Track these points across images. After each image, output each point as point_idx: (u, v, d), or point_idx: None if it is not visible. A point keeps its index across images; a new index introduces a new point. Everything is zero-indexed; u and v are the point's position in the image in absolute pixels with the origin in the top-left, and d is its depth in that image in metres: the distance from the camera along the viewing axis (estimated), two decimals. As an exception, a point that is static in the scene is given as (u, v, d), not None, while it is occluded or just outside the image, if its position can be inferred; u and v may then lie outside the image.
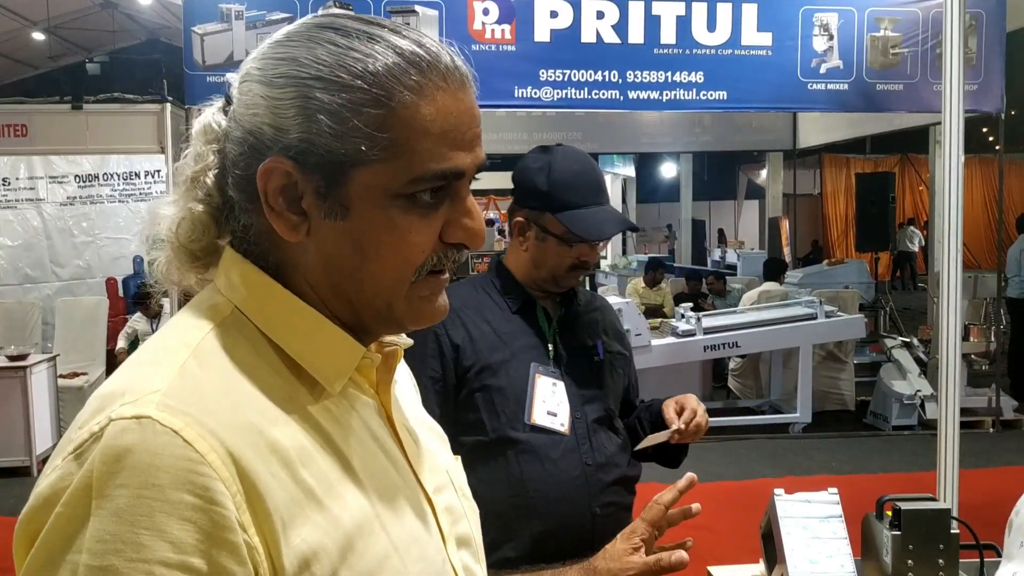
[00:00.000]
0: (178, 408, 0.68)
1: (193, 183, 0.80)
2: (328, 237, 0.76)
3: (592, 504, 1.77)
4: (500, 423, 1.77)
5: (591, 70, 6.37)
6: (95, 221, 8.25)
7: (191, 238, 0.80)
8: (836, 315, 7.40)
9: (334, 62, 0.74)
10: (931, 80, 6.76)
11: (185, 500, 0.64)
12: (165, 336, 0.77)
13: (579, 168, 1.85)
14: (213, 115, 0.81)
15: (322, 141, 0.74)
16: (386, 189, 0.75)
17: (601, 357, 1.92)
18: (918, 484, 5.50)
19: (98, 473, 0.64)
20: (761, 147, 12.36)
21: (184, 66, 6.02)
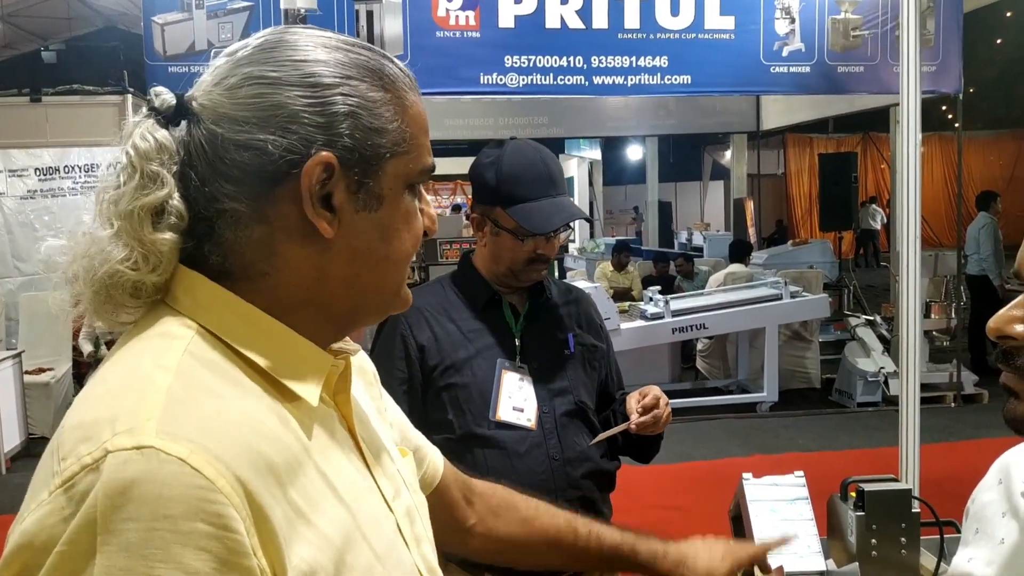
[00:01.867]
0: (179, 434, 0.65)
1: (153, 212, 0.74)
2: (359, 229, 0.79)
3: (559, 499, 1.76)
4: (466, 420, 1.78)
5: (556, 56, 6.37)
6: (57, 215, 8.10)
7: (158, 271, 0.75)
8: (801, 295, 7.50)
9: (356, 64, 0.79)
10: (891, 62, 6.83)
11: (199, 529, 0.62)
12: (133, 358, 0.73)
13: (528, 161, 1.83)
14: (157, 133, 0.76)
15: (362, 136, 0.78)
16: (406, 178, 0.82)
17: (572, 350, 1.92)
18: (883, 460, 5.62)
19: (103, 508, 0.62)
20: (725, 129, 12.45)
21: (145, 56, 5.93)
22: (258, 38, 0.80)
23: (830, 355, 8.14)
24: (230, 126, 0.76)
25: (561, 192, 1.87)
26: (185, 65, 5.95)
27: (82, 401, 0.72)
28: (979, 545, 1.01)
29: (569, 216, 1.86)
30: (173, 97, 0.78)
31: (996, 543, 0.97)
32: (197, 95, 0.78)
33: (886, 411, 7.23)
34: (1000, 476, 1.04)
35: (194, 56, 5.96)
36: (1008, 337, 0.85)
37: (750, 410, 7.39)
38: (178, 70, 5.97)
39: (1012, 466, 1.02)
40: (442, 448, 1.79)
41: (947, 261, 8.02)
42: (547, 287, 1.96)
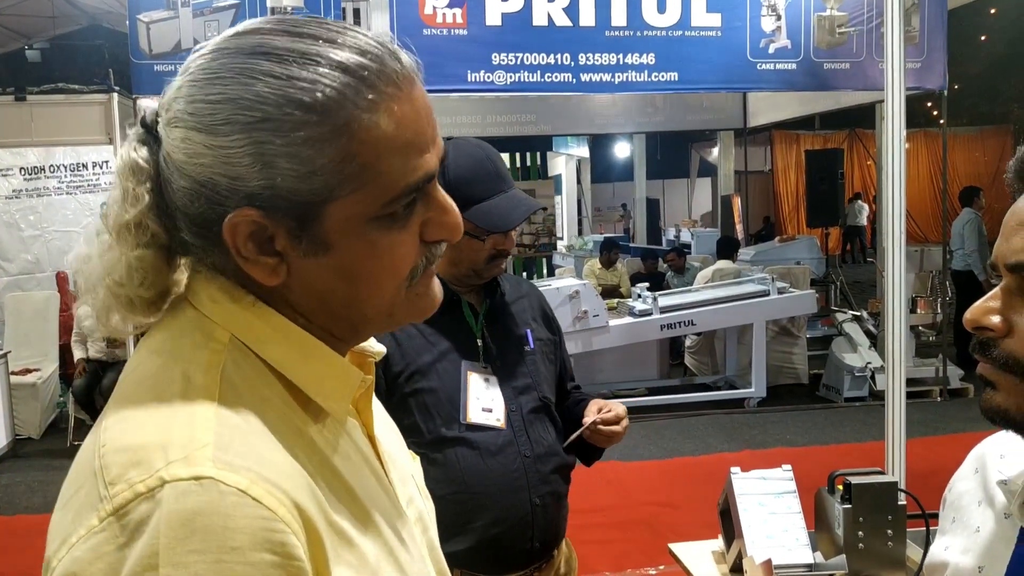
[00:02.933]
0: (237, 464, 0.64)
1: (134, 228, 0.73)
2: (313, 274, 0.73)
3: (532, 495, 1.80)
4: (435, 425, 1.78)
5: (543, 53, 6.38)
6: (43, 214, 8.06)
7: (144, 285, 0.74)
8: (788, 291, 7.54)
9: (279, 98, 0.68)
10: (876, 58, 6.87)
11: (266, 559, 0.62)
12: (172, 371, 0.71)
13: (474, 161, 1.82)
14: (135, 151, 0.74)
15: (286, 185, 0.69)
16: (364, 216, 0.72)
17: (532, 347, 1.93)
18: (870, 454, 5.65)
19: (166, 540, 0.60)
20: (712, 126, 12.47)
21: (130, 55, 5.90)
22: (201, 54, 0.73)
23: (817, 351, 8.17)
24: (171, 166, 0.72)
25: (511, 186, 1.86)
26: (171, 63, 5.92)
27: (123, 420, 0.69)
28: (956, 534, 1.02)
29: (527, 209, 1.86)
30: (153, 112, 0.75)
31: (972, 531, 0.98)
32: (161, 116, 0.74)
33: (873, 406, 7.27)
34: (976, 465, 1.06)
35: (180, 54, 5.94)
36: (984, 328, 0.86)
37: (738, 406, 7.42)
38: (164, 68, 5.95)
39: (987, 456, 1.03)
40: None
41: (933, 256, 8.08)
42: (500, 283, 1.96)
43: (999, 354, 0.84)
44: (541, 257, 13.22)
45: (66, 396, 7.06)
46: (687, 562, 2.16)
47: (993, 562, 0.92)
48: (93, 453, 0.68)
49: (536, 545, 1.81)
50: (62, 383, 7.33)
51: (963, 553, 0.97)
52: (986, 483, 0.98)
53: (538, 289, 2.10)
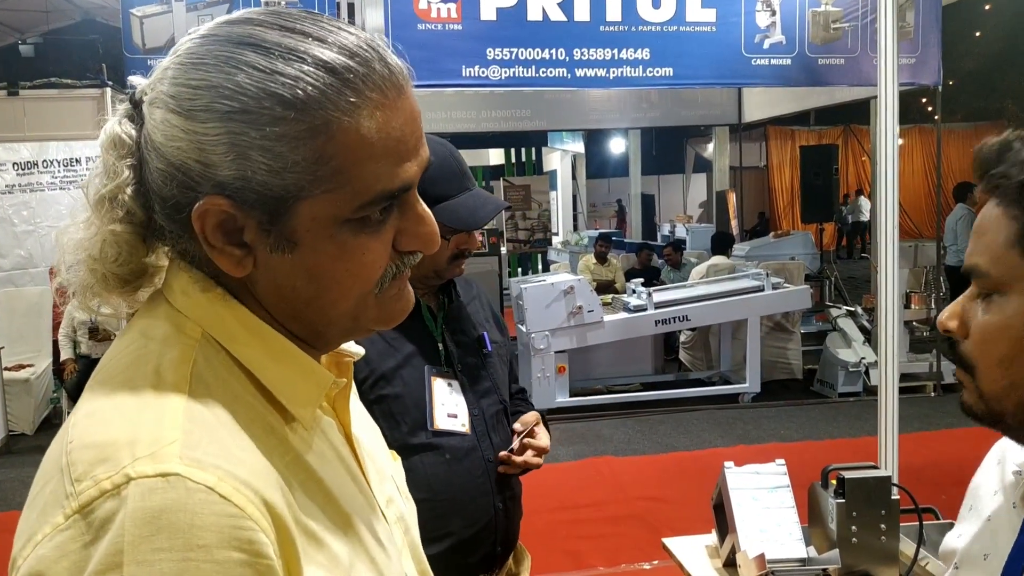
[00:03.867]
0: (205, 461, 0.63)
1: (109, 202, 0.73)
2: (278, 269, 0.72)
3: (495, 500, 1.80)
4: (402, 432, 1.75)
5: (538, 48, 6.37)
6: (36, 209, 8.03)
7: (118, 261, 0.74)
8: (783, 286, 7.54)
9: (259, 91, 0.67)
10: (871, 54, 6.87)
11: (233, 557, 0.61)
12: (141, 367, 0.70)
13: (439, 159, 1.77)
14: (120, 125, 0.74)
15: (259, 178, 0.68)
16: (334, 218, 0.70)
17: (489, 349, 1.91)
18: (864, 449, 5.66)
19: (131, 537, 0.59)
20: (707, 122, 12.46)
21: (123, 50, 5.88)
22: (191, 38, 0.73)
23: (812, 346, 8.19)
24: (150, 146, 0.72)
25: (475, 184, 1.84)
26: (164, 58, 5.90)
27: (91, 416, 0.68)
28: (970, 522, 1.03)
29: (495, 208, 1.83)
30: (142, 91, 0.74)
31: (984, 520, 0.99)
32: (146, 95, 0.73)
33: (867, 401, 7.28)
34: (998, 456, 1.06)
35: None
36: (947, 331, 0.90)
37: (733, 401, 7.43)
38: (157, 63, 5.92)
39: (1008, 447, 1.03)
40: None
41: (927, 252, 8.10)
42: (454, 284, 1.94)
43: (958, 355, 0.88)
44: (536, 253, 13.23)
45: (59, 392, 7.04)
46: (681, 556, 2.17)
47: (997, 550, 0.92)
48: (61, 449, 0.67)
49: (499, 549, 1.82)
50: (55, 379, 7.32)
51: (973, 541, 0.98)
52: (1004, 473, 0.99)
53: (484, 289, 2.07)
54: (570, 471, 5.56)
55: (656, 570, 4.25)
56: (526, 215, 12.97)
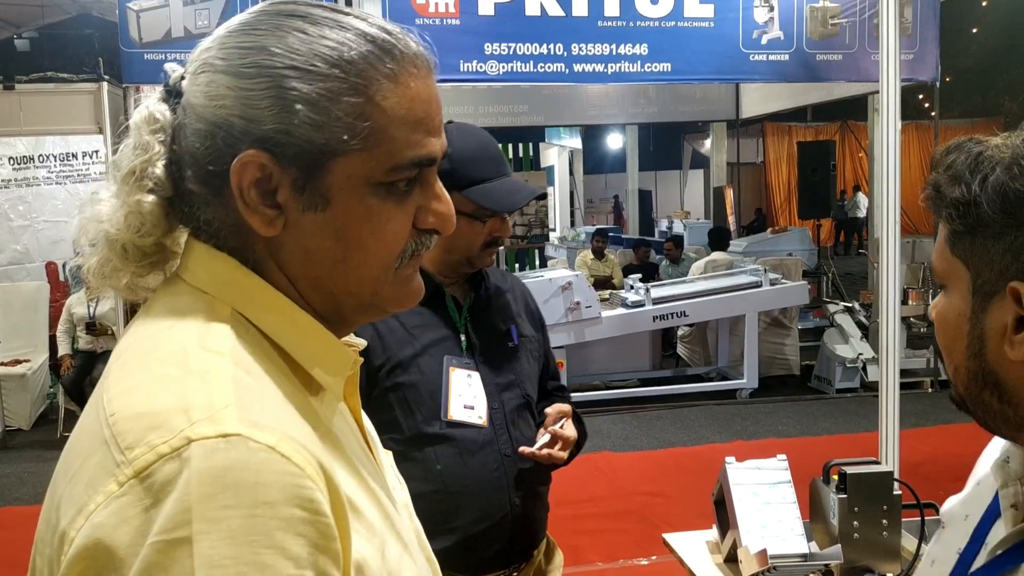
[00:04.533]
0: (263, 423, 0.65)
1: (138, 175, 0.76)
2: (308, 230, 0.74)
3: (512, 495, 1.76)
4: (416, 421, 1.73)
5: (536, 43, 6.35)
6: (32, 204, 8.02)
7: (141, 232, 0.76)
8: (780, 282, 7.55)
9: (308, 51, 0.72)
10: (869, 50, 6.87)
11: (296, 515, 0.62)
12: (176, 341, 0.71)
13: (478, 143, 1.79)
14: (155, 105, 0.78)
15: (301, 132, 0.72)
16: (366, 178, 0.74)
17: (516, 342, 1.88)
18: (861, 445, 5.67)
19: (197, 496, 0.60)
20: (705, 117, 12.45)
21: (120, 43, 5.86)
22: (239, 17, 0.78)
23: (809, 342, 8.20)
24: (190, 111, 0.75)
25: (510, 171, 1.84)
26: (161, 52, 5.87)
27: (132, 389, 0.68)
28: (964, 488, 1.08)
29: (529, 193, 1.83)
30: (178, 75, 0.78)
31: (974, 484, 1.04)
32: (188, 68, 0.78)
33: (864, 397, 7.29)
34: None
35: (170, 43, 5.89)
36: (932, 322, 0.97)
37: (730, 397, 7.44)
38: (154, 57, 5.90)
39: None
40: (390, 450, 1.76)
41: (925, 248, 8.10)
42: (486, 276, 1.91)
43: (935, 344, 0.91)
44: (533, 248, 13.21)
45: (56, 387, 7.03)
46: (681, 552, 2.16)
47: (976, 511, 0.98)
48: (99, 424, 0.67)
49: (516, 546, 1.79)
50: (52, 374, 7.30)
51: (961, 503, 1.04)
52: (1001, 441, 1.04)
53: (523, 283, 2.04)
54: (568, 466, 5.55)
55: (654, 565, 4.25)
56: (523, 211, 12.95)
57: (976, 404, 0.90)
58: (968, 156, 0.86)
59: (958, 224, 0.87)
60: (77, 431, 0.71)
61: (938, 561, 1.01)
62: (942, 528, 1.07)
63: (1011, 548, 0.88)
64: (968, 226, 0.86)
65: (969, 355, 0.88)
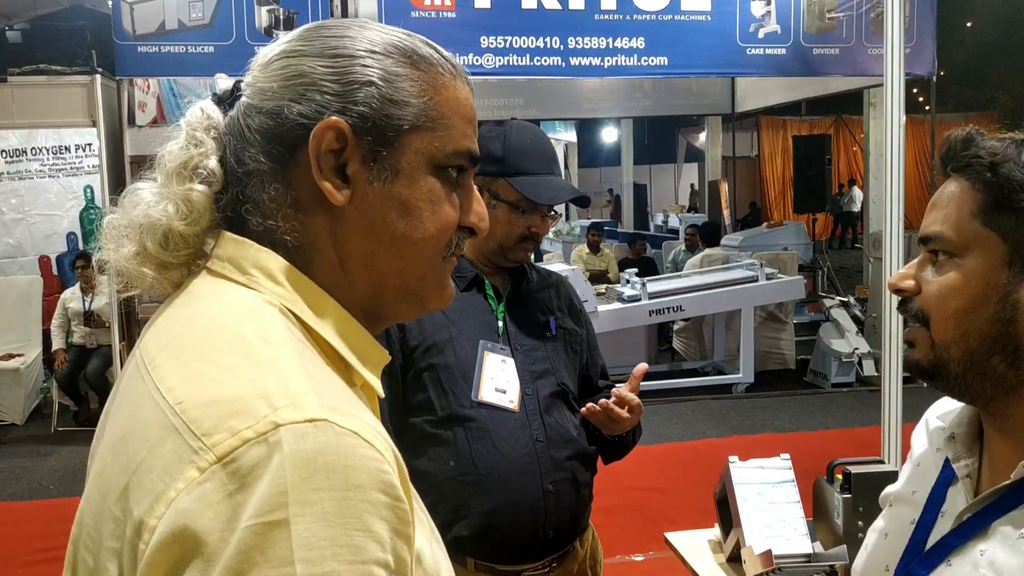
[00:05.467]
0: (343, 410, 0.66)
1: (188, 168, 0.79)
2: (374, 202, 0.79)
3: (544, 481, 1.76)
4: (448, 401, 1.76)
5: (532, 37, 6.33)
6: (24, 197, 7.96)
7: (188, 221, 0.78)
8: (776, 277, 7.55)
9: (383, 40, 0.81)
10: (866, 44, 6.87)
11: (381, 499, 0.64)
12: (233, 331, 0.72)
13: (534, 139, 1.87)
14: (208, 105, 0.83)
15: (377, 106, 0.78)
16: (431, 157, 0.80)
17: (554, 333, 1.89)
18: (858, 439, 5.67)
19: (292, 479, 0.61)
20: (701, 111, 12.44)
21: (113, 36, 5.81)
22: (313, 23, 0.85)
23: (805, 336, 8.20)
24: (259, 96, 0.80)
25: (560, 173, 1.89)
26: (155, 44, 5.83)
27: (197, 378, 0.68)
28: (904, 471, 1.18)
29: (572, 192, 1.87)
30: (230, 83, 0.84)
31: (914, 465, 1.15)
32: (246, 78, 0.83)
33: (860, 391, 7.30)
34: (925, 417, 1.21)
35: (164, 36, 5.85)
36: (901, 290, 1.03)
37: (726, 391, 7.44)
38: (148, 49, 5.86)
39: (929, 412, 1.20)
40: (423, 430, 1.78)
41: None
42: (528, 272, 1.94)
43: (911, 307, 1.02)
44: (528, 242, 13.18)
45: (50, 382, 6.99)
46: (683, 551, 2.15)
47: (922, 486, 1.08)
48: (163, 413, 0.67)
49: (550, 534, 1.77)
50: (46, 368, 7.26)
51: (905, 483, 1.14)
52: (928, 426, 1.17)
53: (568, 282, 2.07)
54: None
55: (651, 561, 4.25)
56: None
57: (974, 369, 0.98)
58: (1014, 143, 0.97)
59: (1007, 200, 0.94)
60: (128, 423, 0.71)
61: (892, 534, 1.11)
62: (889, 506, 1.16)
63: (977, 513, 0.98)
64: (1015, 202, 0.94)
65: (996, 321, 0.95)
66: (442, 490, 1.72)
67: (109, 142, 6.16)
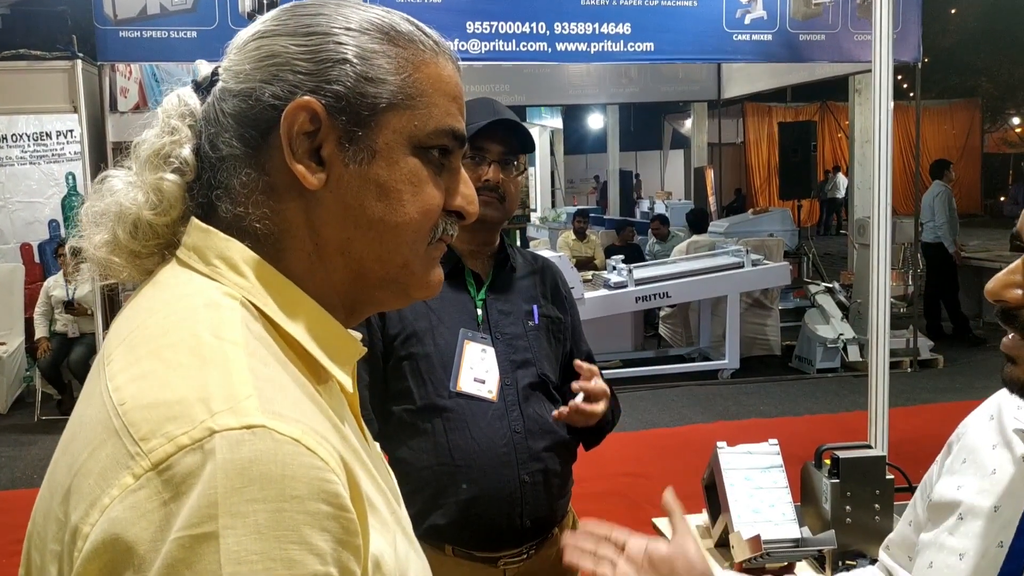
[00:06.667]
0: (286, 415, 0.63)
1: (160, 156, 0.77)
2: (351, 185, 0.76)
3: (521, 472, 1.75)
4: (427, 391, 1.75)
5: (519, 22, 6.29)
6: (5, 185, 7.86)
7: (157, 211, 0.76)
8: (762, 263, 7.56)
9: (360, 18, 0.77)
10: (852, 30, 6.87)
11: (322, 510, 0.61)
12: (187, 329, 0.69)
13: (477, 101, 1.83)
14: (184, 92, 0.80)
15: (352, 84, 0.75)
16: (411, 136, 0.77)
17: (536, 322, 1.87)
18: (843, 424, 5.70)
19: (223, 489, 0.58)
20: (686, 97, 12.44)
21: (95, 21, 5.74)
22: (282, 7, 0.82)
23: (790, 322, 8.23)
24: (233, 79, 0.77)
25: (507, 116, 1.81)
26: (137, 29, 5.76)
27: (143, 377, 0.66)
28: (967, 475, 1.05)
29: (508, 116, 1.79)
30: (210, 69, 0.81)
31: (988, 473, 1.02)
32: (223, 62, 0.80)
33: (845, 377, 7.35)
34: (992, 412, 1.10)
35: (146, 20, 5.78)
36: (1003, 301, 0.92)
37: (712, 377, 7.46)
38: (129, 35, 5.79)
39: (1004, 405, 1.07)
40: (402, 419, 1.77)
41: (904, 229, 8.12)
42: (512, 256, 1.91)
43: (1020, 323, 0.91)
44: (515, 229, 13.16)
45: (33, 370, 6.93)
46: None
47: (1010, 502, 0.97)
48: (107, 413, 0.64)
49: (527, 523, 1.77)
50: (28, 357, 7.19)
51: (978, 493, 1.01)
52: (1003, 429, 1.03)
53: (556, 267, 2.03)
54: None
55: (638, 546, 4.25)
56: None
57: None
58: None
59: None
60: (78, 419, 0.69)
61: (970, 554, 0.98)
62: (959, 518, 1.03)
63: None
64: None
65: None
66: (420, 479, 1.73)
67: (91, 128, 6.09)
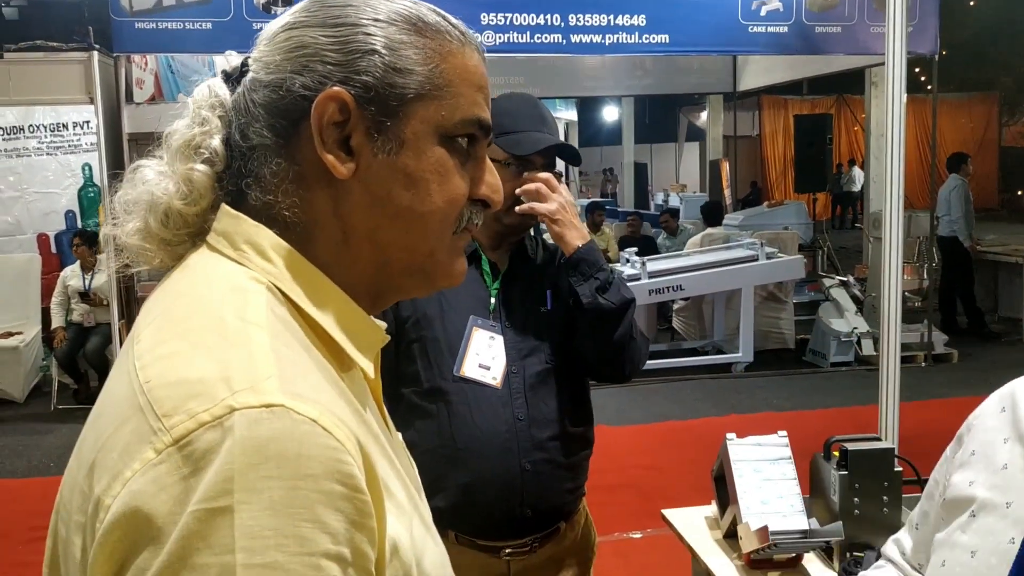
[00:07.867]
0: (305, 395, 0.64)
1: (191, 147, 0.79)
2: (379, 174, 0.77)
3: (522, 459, 1.76)
4: (432, 374, 1.78)
5: (533, 14, 6.28)
6: (22, 175, 7.92)
7: (188, 200, 0.78)
8: (776, 256, 7.53)
9: (388, 8, 0.79)
10: (868, 22, 6.82)
11: (336, 490, 0.62)
12: (212, 311, 0.71)
13: (521, 101, 1.86)
14: (215, 83, 0.82)
15: (381, 75, 0.76)
16: (438, 126, 0.78)
17: (549, 307, 1.87)
18: (857, 418, 5.68)
19: (240, 465, 0.60)
20: (702, 90, 12.38)
21: (111, 12, 5.77)
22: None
23: (804, 316, 8.20)
24: (263, 70, 0.79)
25: (553, 133, 1.84)
26: (152, 21, 5.79)
27: (169, 356, 0.68)
28: (978, 469, 1.03)
29: (549, 141, 1.80)
30: (239, 60, 0.82)
31: (999, 468, 1.00)
32: (253, 53, 0.81)
33: (859, 371, 7.32)
34: (1004, 404, 1.07)
35: (162, 12, 5.81)
36: None
37: (725, 370, 7.45)
38: (145, 26, 5.82)
39: (1019, 395, 1.04)
40: (410, 401, 1.80)
41: (920, 222, 8.08)
42: (531, 249, 1.92)
43: None
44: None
45: (49, 359, 7.00)
46: (680, 528, 2.16)
47: (1021, 498, 0.95)
48: (133, 391, 0.66)
49: (528, 512, 1.77)
50: (45, 346, 7.26)
51: (990, 489, 0.99)
52: (1016, 421, 1.01)
53: None
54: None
55: (649, 539, 4.27)
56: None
57: None
58: None
59: None
60: (106, 396, 0.71)
61: (983, 551, 0.96)
62: (972, 516, 1.01)
63: None
64: None
65: None
66: (423, 461, 1.73)
67: (107, 119, 6.13)
